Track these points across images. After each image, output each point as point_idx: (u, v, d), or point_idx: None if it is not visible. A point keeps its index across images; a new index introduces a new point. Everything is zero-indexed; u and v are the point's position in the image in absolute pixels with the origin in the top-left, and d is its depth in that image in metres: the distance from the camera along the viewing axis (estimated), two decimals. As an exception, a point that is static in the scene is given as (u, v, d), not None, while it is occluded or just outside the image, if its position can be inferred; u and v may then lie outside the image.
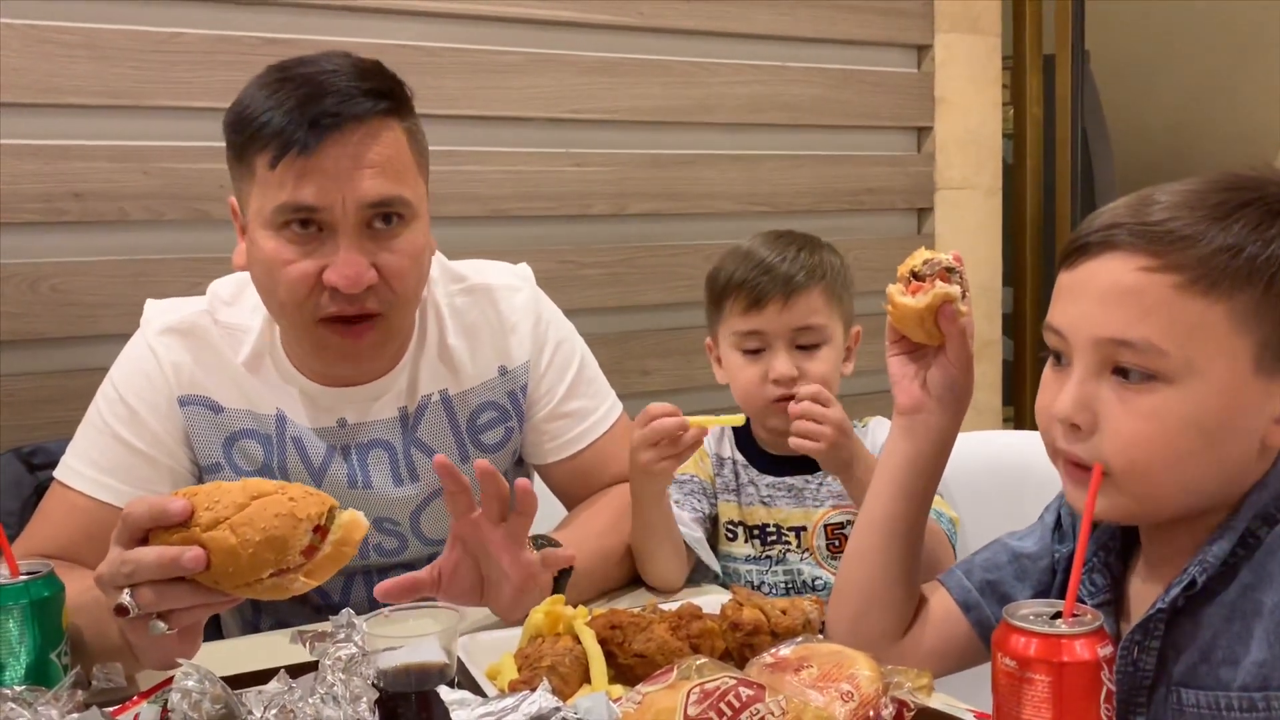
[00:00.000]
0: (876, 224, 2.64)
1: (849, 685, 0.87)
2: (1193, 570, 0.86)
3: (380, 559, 1.37)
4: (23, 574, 0.99)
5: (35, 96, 1.80)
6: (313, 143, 1.13)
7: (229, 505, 0.91)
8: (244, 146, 1.18)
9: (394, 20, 2.07)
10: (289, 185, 1.15)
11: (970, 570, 1.08)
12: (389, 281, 1.20)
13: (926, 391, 1.04)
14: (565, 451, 1.42)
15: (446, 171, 2.11)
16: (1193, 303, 0.83)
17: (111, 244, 1.88)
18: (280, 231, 1.17)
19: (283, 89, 1.16)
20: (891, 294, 1.01)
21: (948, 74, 2.68)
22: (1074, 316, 0.88)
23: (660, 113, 2.34)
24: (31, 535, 1.24)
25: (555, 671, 0.97)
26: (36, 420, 1.79)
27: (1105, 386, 0.86)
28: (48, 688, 0.92)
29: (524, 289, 1.42)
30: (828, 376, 1.41)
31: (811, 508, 1.45)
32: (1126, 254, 0.85)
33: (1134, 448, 0.85)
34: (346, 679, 0.88)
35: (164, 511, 0.91)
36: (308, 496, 0.93)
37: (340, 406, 1.32)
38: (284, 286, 1.18)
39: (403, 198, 1.19)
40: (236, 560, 0.91)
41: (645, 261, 2.34)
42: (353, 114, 1.15)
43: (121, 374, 1.30)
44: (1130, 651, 0.88)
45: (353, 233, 1.17)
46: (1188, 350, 0.83)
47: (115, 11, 1.86)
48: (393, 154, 1.19)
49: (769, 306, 1.40)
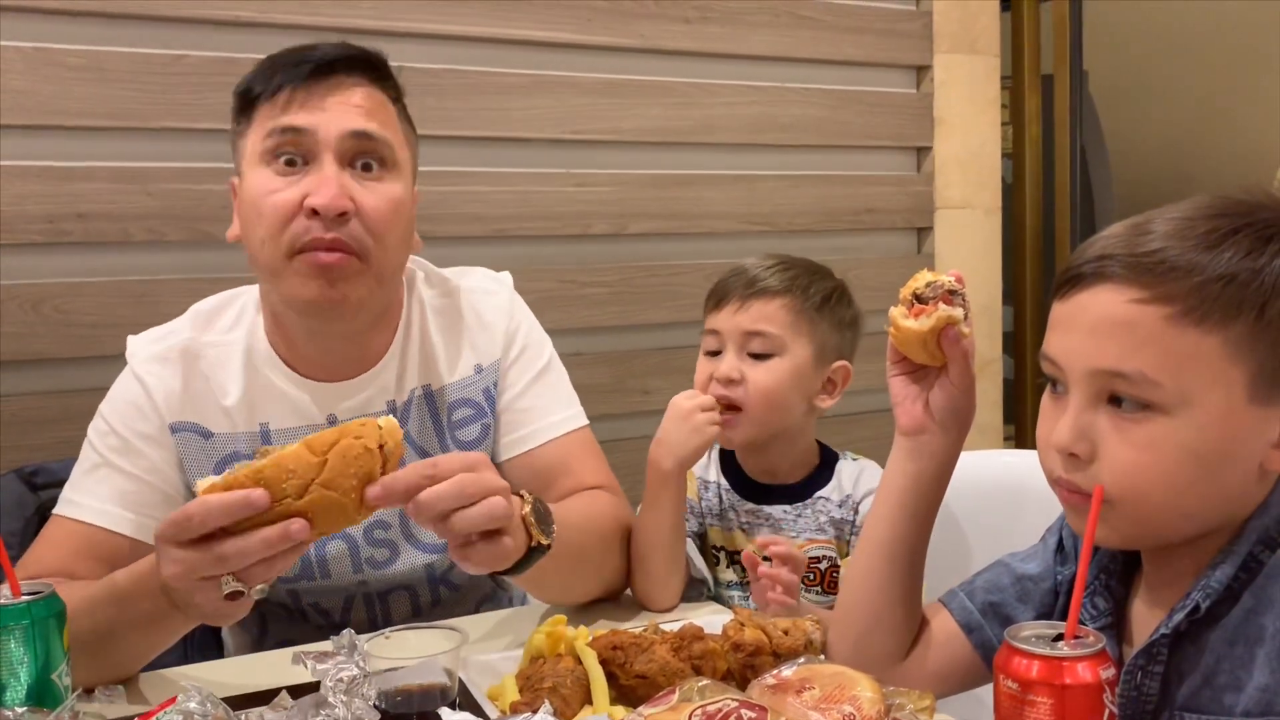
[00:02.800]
0: (876, 244, 2.65)
1: (851, 707, 0.87)
2: (1195, 595, 0.86)
3: (375, 573, 1.37)
4: (24, 594, 0.98)
5: (39, 118, 1.81)
6: (302, 76, 1.22)
7: (308, 467, 0.92)
8: (246, 97, 1.26)
9: (396, 42, 2.08)
10: (278, 111, 1.22)
11: (972, 592, 1.08)
12: (365, 218, 1.22)
13: (929, 413, 1.04)
14: (517, 448, 1.40)
15: (448, 192, 2.12)
16: (1185, 334, 0.83)
17: (114, 265, 1.89)
18: (269, 164, 1.23)
19: (285, 55, 1.26)
20: (894, 317, 1.01)
21: (947, 94, 2.69)
22: (1068, 347, 0.88)
23: (661, 133, 2.35)
24: (30, 561, 1.24)
25: (557, 693, 0.97)
26: (39, 440, 1.79)
27: (1102, 416, 0.86)
28: (49, 709, 0.92)
29: (501, 293, 1.45)
30: (771, 389, 1.40)
31: (787, 539, 1.45)
32: (1118, 285, 0.85)
33: (1131, 477, 0.85)
34: (348, 700, 0.88)
35: (246, 505, 0.91)
36: (362, 427, 0.95)
37: (330, 403, 1.33)
38: (266, 216, 1.21)
39: (385, 138, 1.25)
40: (342, 510, 0.94)
41: (646, 281, 2.35)
42: (346, 62, 1.25)
43: (111, 408, 1.31)
44: (1134, 676, 0.88)
45: (333, 161, 1.22)
46: (1182, 381, 0.83)
47: (119, 35, 1.87)
48: (378, 105, 1.27)
49: (726, 307, 1.42)
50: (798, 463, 1.47)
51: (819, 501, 1.46)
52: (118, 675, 1.11)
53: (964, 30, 2.70)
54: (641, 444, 1.41)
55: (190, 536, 0.92)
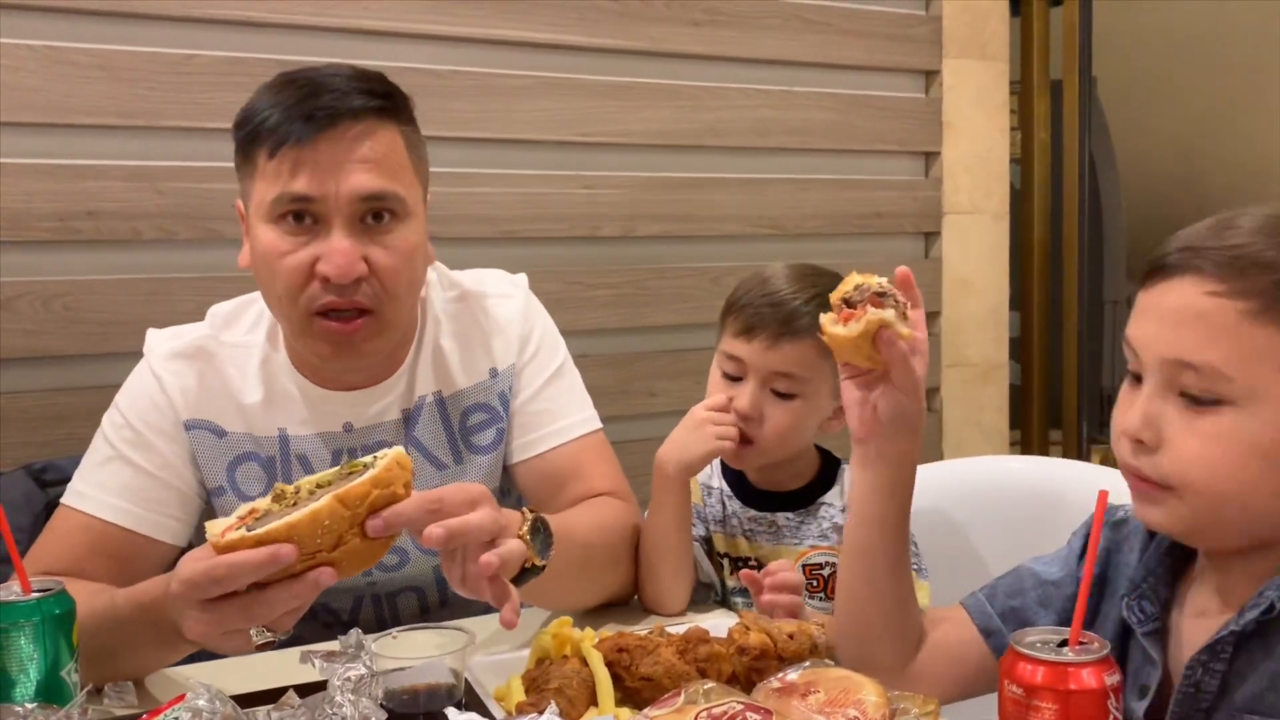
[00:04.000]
0: (884, 248, 2.65)
1: (856, 711, 0.87)
2: (1270, 594, 0.85)
3: (384, 575, 1.37)
4: (35, 591, 0.99)
5: (50, 116, 1.82)
6: (308, 135, 1.17)
7: (340, 520, 0.91)
8: (247, 143, 1.22)
9: (406, 44, 2.09)
10: (284, 176, 1.18)
11: (993, 596, 1.07)
12: (379, 276, 1.21)
13: (878, 418, 1.02)
14: (529, 450, 1.39)
15: (457, 193, 2.12)
16: (1260, 330, 0.83)
17: (124, 263, 1.90)
18: (277, 223, 1.21)
19: (285, 89, 1.21)
20: (823, 324, 0.98)
21: (955, 99, 2.69)
22: (1146, 335, 0.89)
23: (669, 136, 2.35)
24: (37, 556, 1.24)
25: (562, 694, 0.97)
26: (48, 437, 1.80)
27: (1171, 405, 0.87)
28: (59, 705, 0.93)
29: (517, 296, 1.44)
30: (788, 429, 1.38)
31: (790, 545, 1.44)
32: (1198, 277, 0.85)
33: (1195, 468, 0.85)
34: (355, 699, 0.88)
35: (274, 562, 0.89)
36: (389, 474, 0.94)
37: (345, 411, 1.33)
38: (280, 277, 1.21)
39: (395, 193, 1.22)
40: (371, 554, 0.94)
41: (654, 283, 2.35)
42: (348, 108, 1.19)
43: (128, 401, 1.31)
44: (1194, 672, 0.88)
45: (344, 224, 1.19)
46: (1252, 376, 0.83)
47: (130, 34, 1.88)
48: (386, 151, 1.22)
49: (756, 340, 1.36)
50: (799, 470, 1.47)
51: (822, 508, 1.45)
52: (124, 677, 1.11)
53: (973, 35, 2.70)
54: (648, 446, 1.41)
55: (215, 594, 0.92)
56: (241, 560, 0.90)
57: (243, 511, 0.94)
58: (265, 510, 0.94)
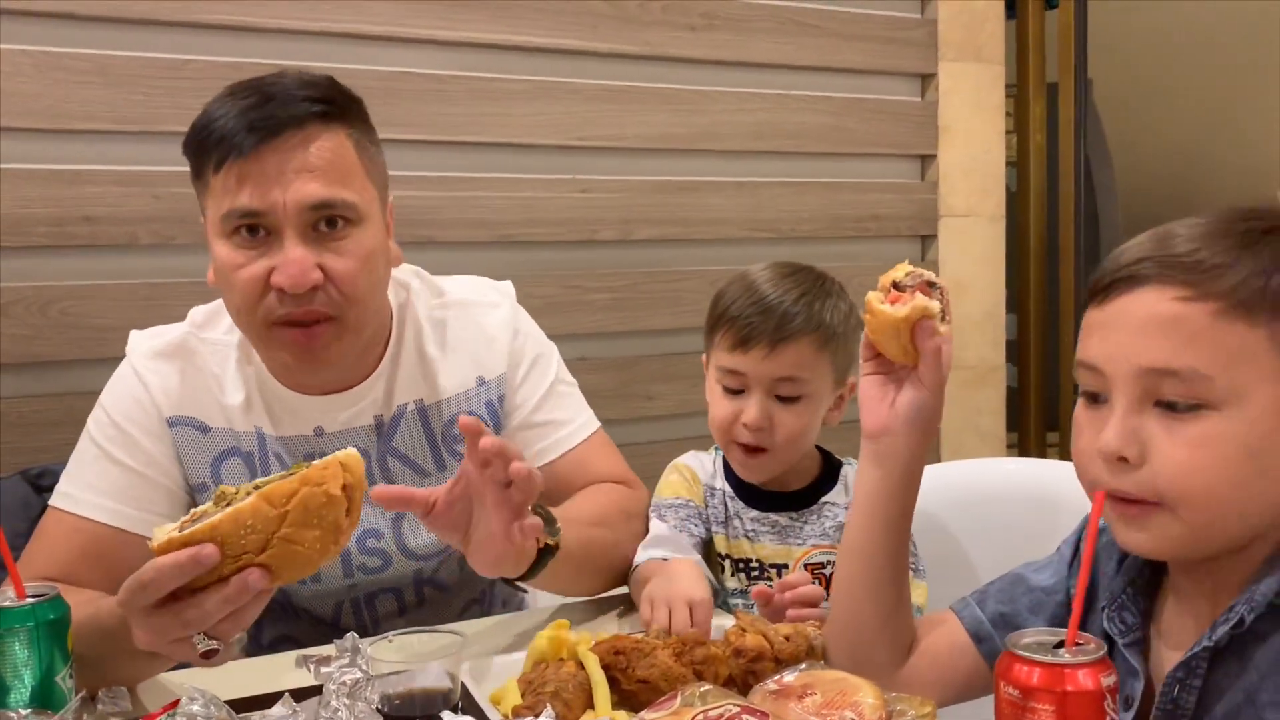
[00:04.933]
0: (881, 251, 2.65)
1: (852, 713, 0.87)
2: (1240, 608, 0.84)
3: (366, 578, 1.37)
4: (29, 596, 0.99)
5: (47, 122, 1.82)
6: (249, 146, 1.16)
7: (266, 520, 0.89)
8: (196, 159, 1.22)
9: (402, 49, 2.10)
10: (231, 190, 1.18)
11: (984, 601, 1.06)
12: (336, 283, 1.21)
13: (895, 413, 1.02)
14: (539, 461, 1.41)
15: (453, 197, 2.12)
16: (1234, 328, 0.83)
17: (121, 268, 1.90)
18: (230, 238, 1.20)
19: (229, 100, 1.21)
20: (870, 301, 0.99)
21: (951, 102, 2.70)
22: (1112, 349, 0.87)
23: (665, 140, 2.35)
24: (29, 561, 1.24)
25: (559, 697, 0.97)
26: (44, 442, 1.80)
27: (1150, 418, 0.85)
28: (53, 711, 0.93)
29: (503, 304, 1.44)
30: (799, 431, 1.38)
31: (794, 545, 1.44)
32: (1160, 286, 0.85)
33: (1189, 477, 0.83)
34: (351, 703, 0.88)
35: (195, 563, 0.88)
36: (324, 472, 0.92)
37: (316, 415, 1.33)
38: (237, 291, 1.21)
39: (344, 200, 1.21)
40: (306, 559, 0.91)
41: (650, 287, 2.35)
42: (290, 116, 1.18)
43: (111, 400, 1.31)
44: (1172, 689, 0.87)
45: (296, 235, 1.19)
46: (1232, 375, 0.82)
47: (126, 39, 1.88)
48: (332, 158, 1.20)
49: (754, 350, 1.35)
50: (800, 470, 1.47)
51: (825, 507, 1.45)
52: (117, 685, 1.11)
53: (969, 38, 2.71)
54: (645, 449, 1.42)
55: (149, 601, 0.90)
56: (163, 563, 0.88)
57: (186, 516, 0.93)
58: (204, 513, 0.92)
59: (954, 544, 1.61)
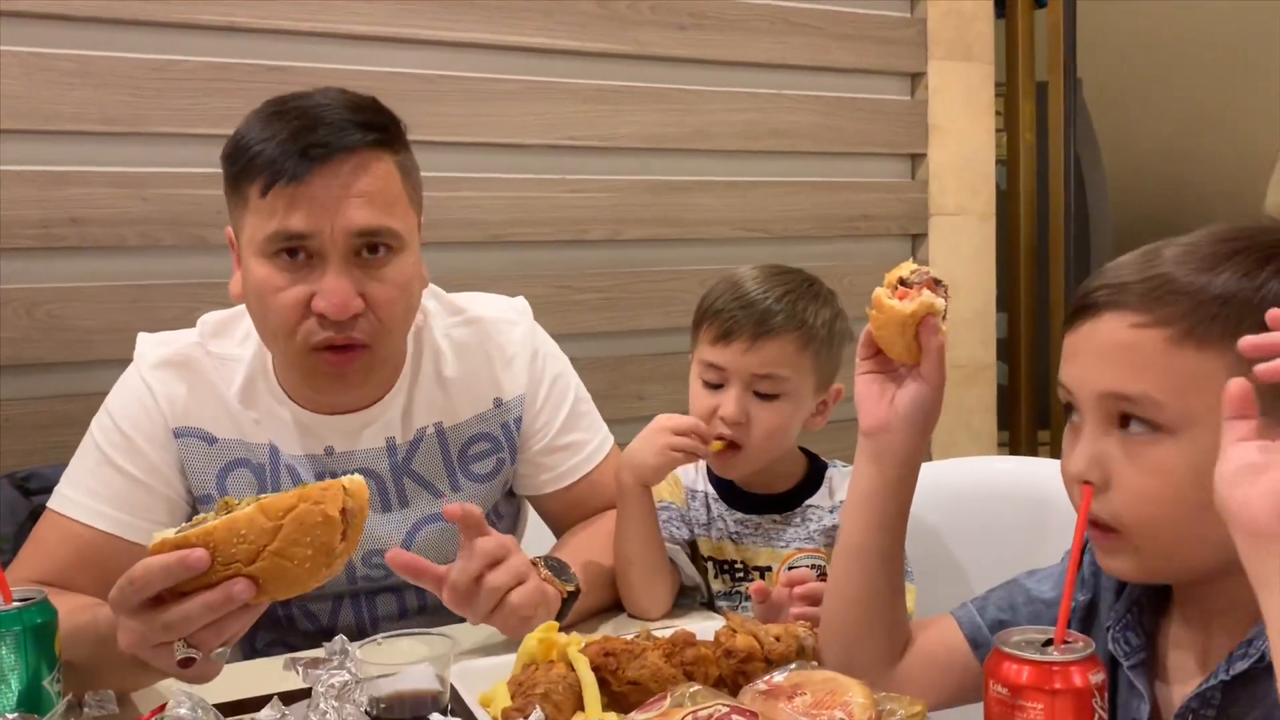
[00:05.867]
0: (871, 250, 2.65)
1: (842, 713, 0.87)
2: (1261, 645, 0.84)
3: (368, 585, 1.38)
4: (16, 600, 0.98)
5: (34, 123, 1.81)
6: (302, 172, 1.15)
7: (260, 532, 0.89)
8: (238, 176, 1.20)
9: (392, 49, 2.09)
10: (279, 213, 1.17)
11: (984, 608, 1.06)
12: (376, 311, 1.21)
13: (894, 411, 1.02)
14: (560, 483, 1.44)
15: (444, 197, 2.12)
16: (1186, 355, 0.83)
17: (109, 270, 1.89)
18: (272, 259, 1.19)
19: (277, 121, 1.19)
20: (879, 297, 1.00)
21: (941, 101, 2.70)
22: (1078, 374, 0.89)
23: (656, 140, 2.35)
24: (23, 563, 1.24)
25: (549, 699, 0.97)
26: (32, 445, 1.79)
27: (1114, 442, 0.86)
28: (40, 715, 0.92)
29: (521, 323, 1.44)
30: (775, 429, 1.38)
31: (778, 548, 1.44)
32: (1119, 312, 0.86)
33: (1143, 504, 0.84)
34: (339, 706, 0.88)
35: (184, 567, 0.88)
36: (325, 492, 0.92)
37: (328, 434, 1.33)
38: (275, 313, 1.20)
39: (391, 228, 1.21)
40: (294, 577, 0.91)
41: (641, 287, 2.35)
42: (342, 144, 1.17)
43: (118, 406, 1.31)
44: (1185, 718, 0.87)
45: (340, 260, 1.18)
46: (1185, 402, 0.83)
47: (114, 39, 1.87)
48: (382, 185, 1.20)
49: (735, 344, 1.35)
50: (784, 472, 1.47)
51: (809, 510, 1.45)
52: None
53: (959, 37, 2.71)
54: (636, 450, 1.41)
55: (137, 601, 0.90)
56: (152, 562, 0.89)
57: (188, 524, 0.93)
58: (203, 520, 0.92)
59: (945, 542, 1.61)
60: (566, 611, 1.24)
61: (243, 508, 0.91)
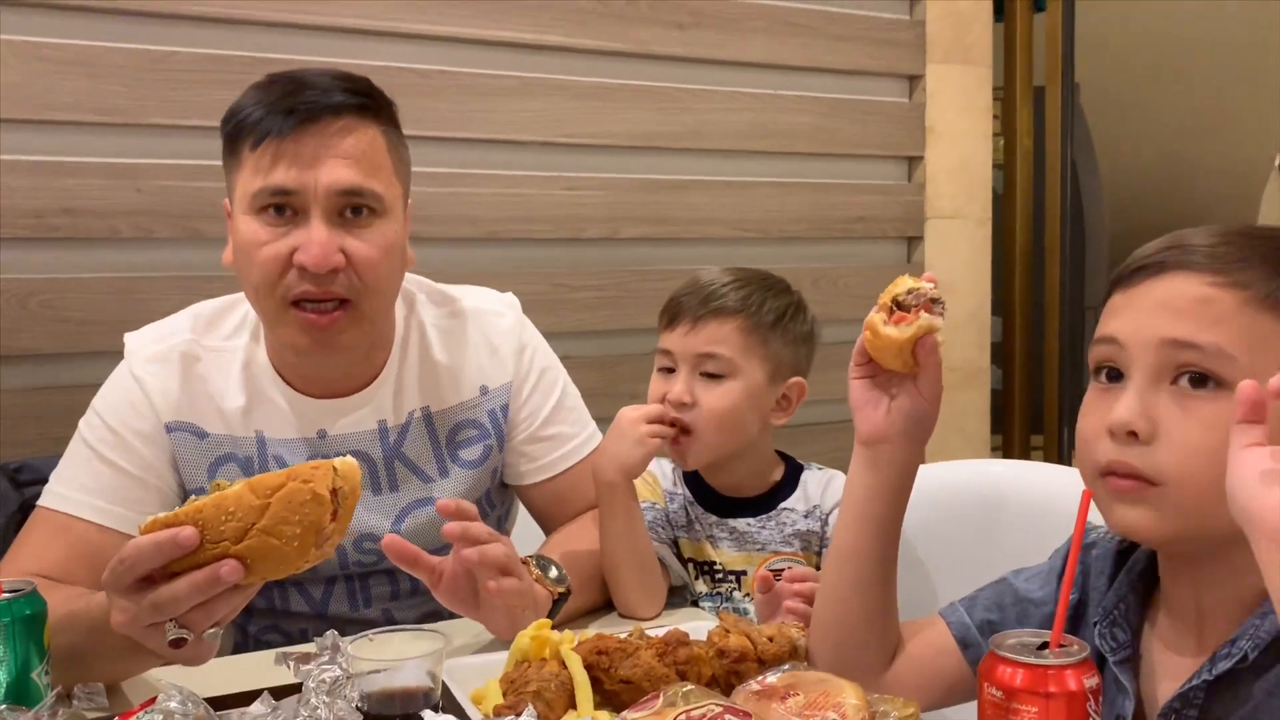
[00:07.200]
0: (867, 252, 2.65)
1: (835, 714, 0.86)
2: (1244, 644, 0.84)
3: (360, 569, 1.38)
4: (5, 592, 0.98)
5: (29, 113, 1.80)
6: (289, 129, 1.20)
7: (249, 510, 0.89)
8: (232, 138, 1.24)
9: (388, 42, 2.08)
10: (266, 168, 1.21)
11: (973, 608, 1.06)
12: (356, 268, 1.23)
13: (890, 420, 1.02)
14: (543, 474, 1.45)
15: (439, 193, 2.11)
16: (1262, 318, 0.84)
17: (103, 261, 1.88)
18: (258, 215, 1.23)
19: (270, 87, 1.24)
20: (874, 323, 0.98)
21: (938, 104, 2.70)
22: (1136, 323, 0.87)
23: (653, 138, 2.35)
24: (16, 558, 1.23)
25: (541, 697, 0.97)
26: (24, 436, 1.78)
27: (1165, 395, 0.85)
28: (29, 707, 0.91)
29: (509, 315, 1.46)
30: (723, 412, 1.38)
31: (753, 552, 1.44)
32: (1191, 272, 0.86)
33: (1194, 458, 0.83)
34: (330, 701, 0.87)
35: (174, 545, 0.89)
36: (314, 471, 0.92)
37: (321, 418, 1.34)
38: (258, 267, 1.22)
39: (373, 190, 1.24)
40: (283, 556, 0.91)
41: (636, 285, 2.35)
42: (328, 104, 1.22)
43: (107, 404, 1.31)
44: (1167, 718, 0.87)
45: (322, 216, 1.22)
46: (1255, 360, 0.82)
47: (110, 30, 1.86)
48: (367, 149, 1.24)
49: (679, 326, 1.39)
50: (759, 474, 1.47)
51: (784, 513, 1.45)
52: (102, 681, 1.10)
53: (957, 40, 2.71)
54: (630, 448, 1.40)
55: (129, 580, 0.90)
56: (142, 541, 0.90)
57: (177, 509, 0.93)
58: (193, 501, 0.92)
59: (937, 545, 1.61)
60: (556, 612, 1.24)
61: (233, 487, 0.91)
